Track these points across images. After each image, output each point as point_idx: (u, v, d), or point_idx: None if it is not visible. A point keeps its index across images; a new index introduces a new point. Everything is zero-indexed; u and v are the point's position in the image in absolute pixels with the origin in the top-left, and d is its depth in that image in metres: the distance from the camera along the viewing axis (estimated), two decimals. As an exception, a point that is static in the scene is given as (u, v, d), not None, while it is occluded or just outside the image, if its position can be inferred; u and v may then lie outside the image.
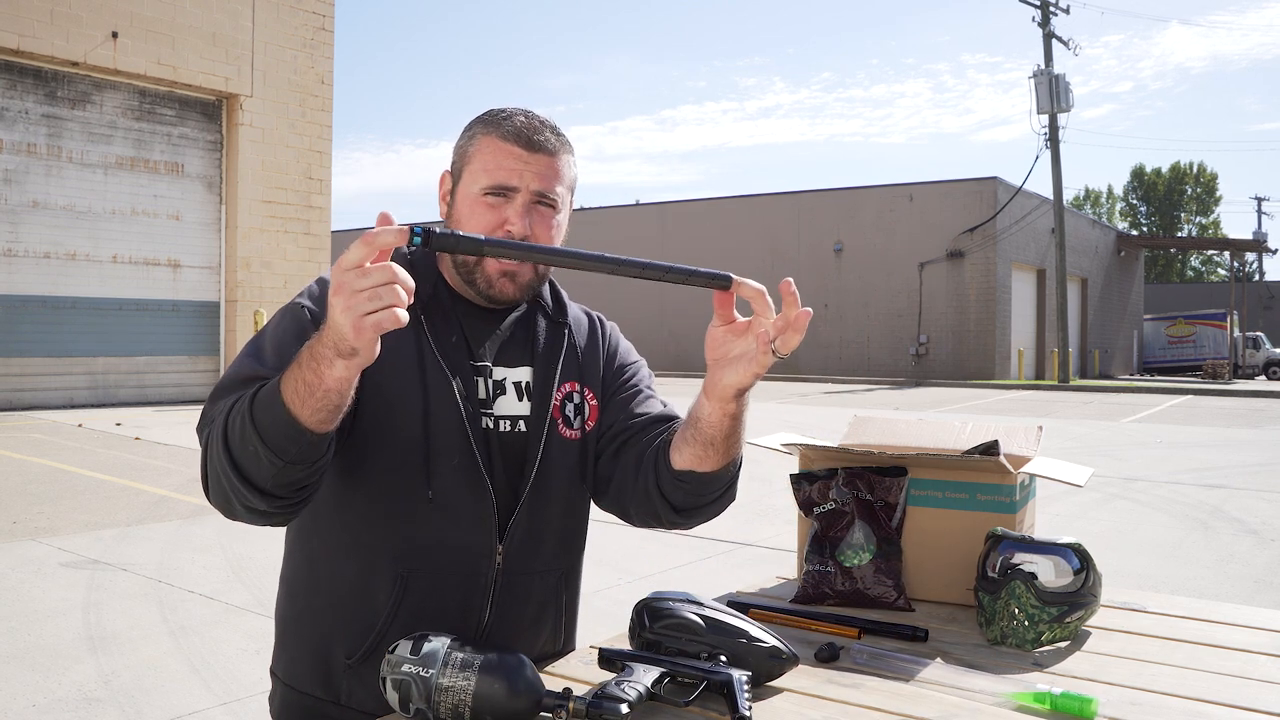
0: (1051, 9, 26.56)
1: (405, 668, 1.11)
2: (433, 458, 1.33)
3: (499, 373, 1.41)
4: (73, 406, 12.96)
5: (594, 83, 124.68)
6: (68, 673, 3.48)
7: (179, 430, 10.57)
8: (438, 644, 1.12)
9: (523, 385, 1.42)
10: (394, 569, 1.34)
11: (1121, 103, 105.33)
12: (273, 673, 1.45)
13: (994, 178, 25.91)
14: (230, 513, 1.21)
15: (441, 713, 1.09)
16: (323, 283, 1.36)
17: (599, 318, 1.58)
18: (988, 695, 1.20)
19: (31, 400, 12.75)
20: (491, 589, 1.37)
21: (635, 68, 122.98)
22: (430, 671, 1.10)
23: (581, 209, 33.74)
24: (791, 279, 1.16)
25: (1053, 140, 25.95)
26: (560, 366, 1.45)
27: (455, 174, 1.40)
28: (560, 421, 1.43)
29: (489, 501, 1.35)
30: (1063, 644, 1.43)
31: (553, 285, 1.51)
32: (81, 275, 13.30)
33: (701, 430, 1.30)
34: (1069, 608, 1.42)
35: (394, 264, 0.99)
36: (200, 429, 1.24)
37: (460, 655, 1.10)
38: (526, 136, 1.35)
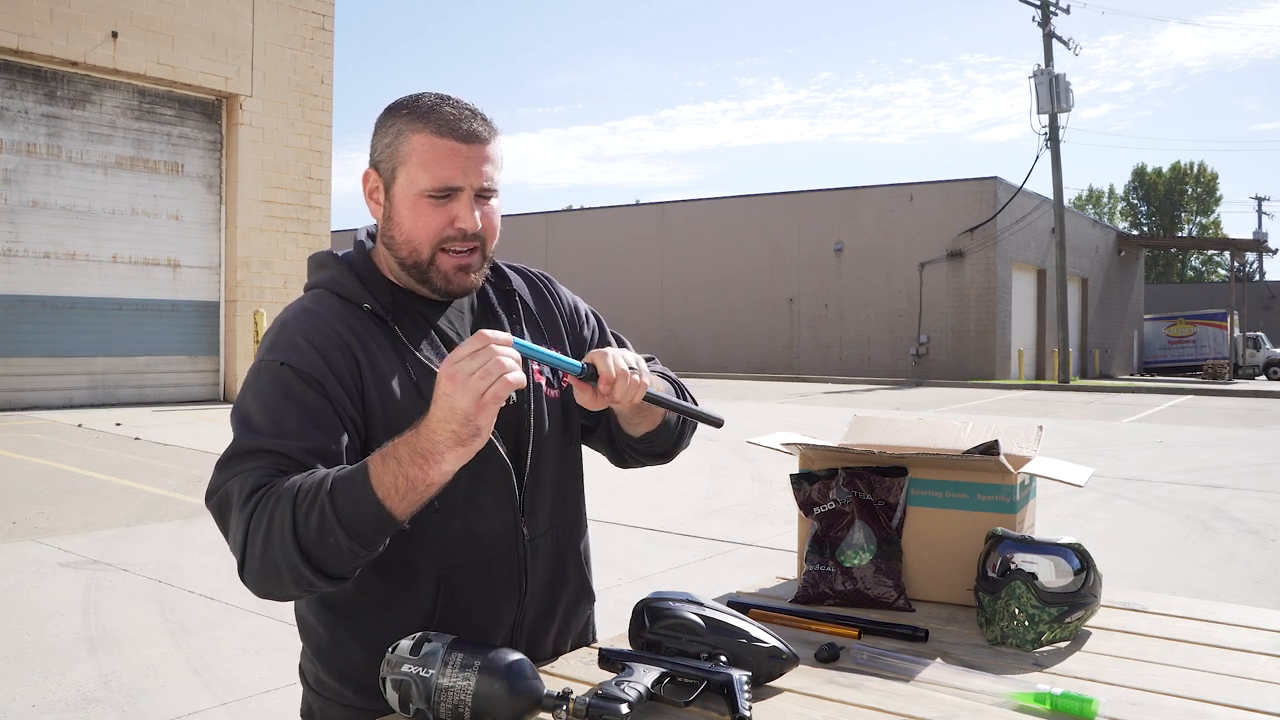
0: (1052, 9, 26.55)
1: (405, 668, 1.11)
2: None
3: None
4: (72, 406, 12.96)
5: (594, 83, 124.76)
6: (67, 673, 3.48)
7: (179, 430, 10.57)
8: (438, 644, 1.12)
9: None
10: (433, 571, 1.34)
11: (1120, 102, 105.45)
12: (315, 691, 1.41)
13: (994, 178, 25.91)
14: (273, 596, 1.21)
15: (441, 713, 1.09)
16: (284, 325, 1.33)
17: (539, 275, 1.59)
18: (988, 695, 1.20)
19: (31, 400, 12.74)
20: (524, 563, 1.41)
21: (635, 68, 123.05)
22: (430, 671, 1.09)
23: (582, 209, 33.74)
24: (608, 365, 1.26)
25: (1053, 140, 25.94)
26: (525, 333, 1.47)
27: (386, 173, 1.35)
28: (545, 384, 1.46)
29: (509, 482, 1.38)
30: (1063, 644, 1.43)
31: None
32: (81, 275, 13.29)
33: (624, 416, 1.44)
34: (1069, 608, 1.42)
35: (493, 345, 1.10)
36: (214, 505, 1.23)
37: (460, 655, 1.10)
38: (461, 129, 1.32)
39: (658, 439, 1.49)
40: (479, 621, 1.37)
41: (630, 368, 1.27)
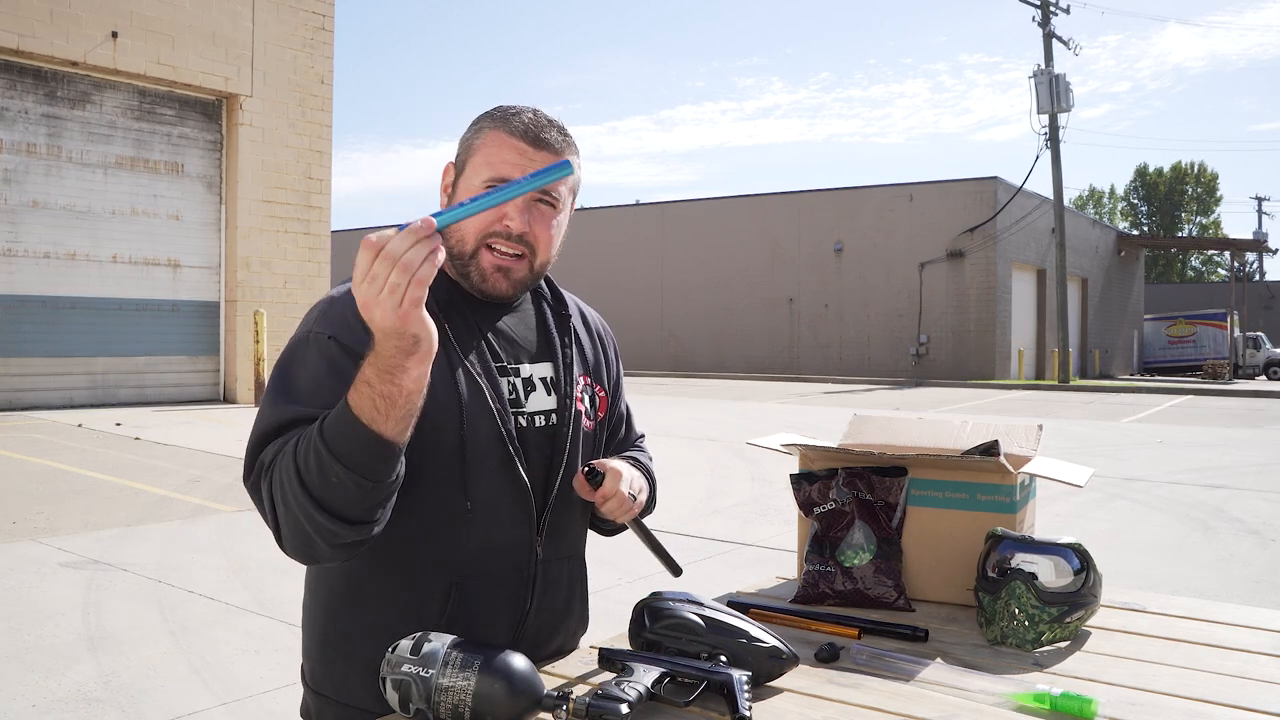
0: (1052, 9, 26.55)
1: (405, 668, 1.11)
2: (471, 466, 1.34)
3: (526, 370, 1.44)
4: (72, 406, 12.95)
5: (593, 83, 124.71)
6: (68, 673, 3.48)
7: (179, 430, 10.57)
8: (438, 644, 1.12)
9: (548, 380, 1.46)
10: (445, 578, 1.35)
11: (1119, 103, 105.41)
12: (315, 691, 1.42)
13: (994, 178, 25.91)
14: (313, 556, 1.22)
15: (441, 713, 1.09)
16: (334, 301, 1.34)
17: (603, 324, 1.64)
18: (988, 695, 1.20)
19: (31, 400, 12.74)
20: (533, 581, 1.41)
21: (634, 68, 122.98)
22: (430, 671, 1.09)
23: (582, 209, 33.74)
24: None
25: (1053, 140, 25.94)
26: (575, 360, 1.49)
27: (459, 166, 1.41)
28: (584, 413, 1.48)
29: (528, 500, 1.38)
30: (1063, 644, 1.43)
31: (546, 276, 1.53)
32: (81, 275, 13.28)
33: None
34: (1069, 608, 1.42)
35: (385, 247, 1.02)
36: (252, 483, 1.24)
37: (460, 655, 1.10)
38: (533, 134, 1.36)
39: (607, 526, 1.57)
40: (480, 633, 1.37)
41: (632, 495, 1.39)
